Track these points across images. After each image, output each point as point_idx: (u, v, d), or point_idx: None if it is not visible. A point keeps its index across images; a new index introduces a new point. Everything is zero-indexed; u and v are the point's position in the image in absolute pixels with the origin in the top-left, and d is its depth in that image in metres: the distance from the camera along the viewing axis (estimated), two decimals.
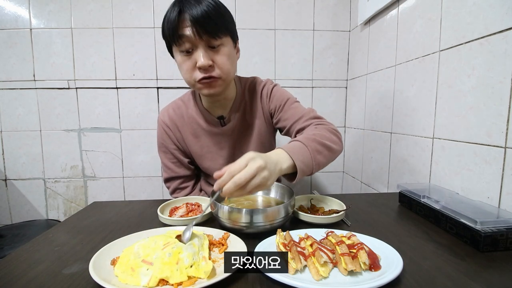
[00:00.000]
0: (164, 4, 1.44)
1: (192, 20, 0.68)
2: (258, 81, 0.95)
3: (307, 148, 0.66)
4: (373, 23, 1.26)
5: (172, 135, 0.93)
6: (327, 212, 0.68)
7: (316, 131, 0.74)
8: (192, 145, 0.93)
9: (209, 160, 0.94)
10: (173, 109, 0.94)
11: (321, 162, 0.67)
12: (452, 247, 0.54)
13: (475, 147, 0.71)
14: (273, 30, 1.49)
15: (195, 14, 0.68)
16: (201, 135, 0.92)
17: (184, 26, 0.70)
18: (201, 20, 0.68)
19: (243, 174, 0.51)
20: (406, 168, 1.02)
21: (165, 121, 0.93)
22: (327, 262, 0.44)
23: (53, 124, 1.48)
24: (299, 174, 0.62)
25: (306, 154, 0.65)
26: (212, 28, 0.70)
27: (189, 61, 0.74)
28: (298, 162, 0.62)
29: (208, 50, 0.73)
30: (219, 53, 0.74)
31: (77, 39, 1.44)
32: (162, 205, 0.72)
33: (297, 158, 0.62)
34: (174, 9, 0.70)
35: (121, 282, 0.42)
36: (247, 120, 0.93)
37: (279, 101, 0.90)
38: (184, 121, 0.93)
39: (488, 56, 0.67)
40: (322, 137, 0.71)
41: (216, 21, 0.70)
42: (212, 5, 0.70)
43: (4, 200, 1.52)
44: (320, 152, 0.68)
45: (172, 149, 0.94)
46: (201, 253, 0.47)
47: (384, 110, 1.16)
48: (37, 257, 0.52)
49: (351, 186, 1.53)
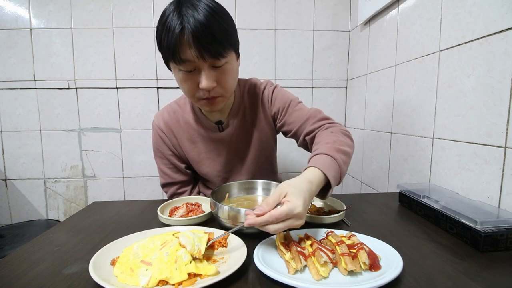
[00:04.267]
0: (164, 4, 1.43)
1: (195, 42, 0.61)
2: (257, 83, 0.90)
3: (336, 162, 0.62)
4: (373, 23, 1.26)
5: (168, 141, 0.89)
6: (327, 212, 0.68)
7: (334, 136, 0.70)
8: (188, 151, 0.89)
9: (207, 166, 0.90)
10: (168, 113, 0.89)
11: (344, 172, 0.65)
12: (452, 247, 0.54)
13: (475, 147, 0.71)
14: (273, 30, 1.49)
15: (198, 34, 0.61)
16: (198, 141, 0.88)
17: (186, 48, 0.63)
18: (204, 42, 0.62)
19: (280, 227, 0.48)
20: (406, 168, 1.02)
21: (160, 126, 0.88)
22: (327, 262, 0.44)
23: (53, 124, 1.49)
24: (330, 192, 0.60)
25: (336, 169, 0.61)
26: (217, 49, 0.64)
27: (191, 81, 0.69)
28: (332, 179, 0.58)
29: (211, 71, 0.68)
30: (223, 73, 0.69)
31: (77, 39, 1.44)
32: (162, 205, 0.72)
33: (331, 175, 0.58)
34: (173, 24, 0.61)
35: (121, 282, 0.42)
36: (247, 124, 0.89)
37: (281, 104, 0.86)
38: (180, 126, 0.88)
39: (488, 56, 0.67)
40: (343, 144, 0.67)
41: (221, 41, 0.64)
42: (213, 17, 0.62)
43: (4, 200, 1.52)
44: (345, 162, 0.65)
45: (168, 155, 0.90)
46: (198, 244, 0.47)
47: (384, 110, 1.16)
48: (37, 257, 0.52)
49: (351, 186, 1.53)
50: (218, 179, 0.92)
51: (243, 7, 1.46)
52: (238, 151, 0.90)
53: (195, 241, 0.48)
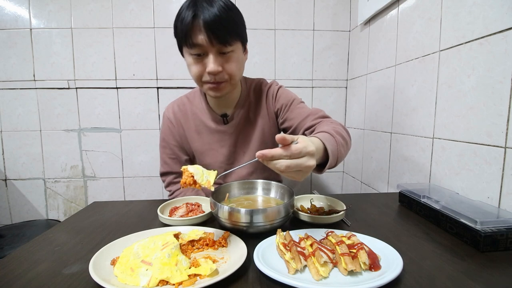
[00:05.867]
0: (164, 4, 1.44)
1: (205, 27, 0.69)
2: (264, 82, 0.97)
3: (334, 140, 0.64)
4: (373, 23, 1.26)
5: (175, 131, 0.95)
6: (327, 212, 0.68)
7: (333, 126, 0.73)
8: (194, 141, 0.95)
9: (209, 157, 0.95)
10: (178, 105, 0.97)
11: (342, 156, 0.67)
12: (452, 247, 0.54)
13: (475, 147, 0.71)
14: (273, 30, 1.49)
15: (209, 21, 0.68)
16: (203, 132, 0.94)
17: (197, 32, 0.71)
18: (214, 28, 0.69)
19: (293, 163, 0.48)
20: (406, 168, 1.02)
21: (170, 117, 0.96)
22: (327, 262, 0.44)
23: (53, 124, 1.49)
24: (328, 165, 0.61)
25: (334, 144, 0.63)
26: (224, 36, 0.71)
27: (199, 64, 0.75)
28: (330, 152, 0.60)
29: (218, 56, 0.74)
30: (229, 59, 0.76)
31: (77, 39, 1.44)
32: (162, 205, 0.72)
33: (329, 148, 0.60)
34: (188, 11, 0.70)
35: (121, 282, 0.42)
36: (251, 119, 0.94)
37: (285, 101, 0.91)
38: (187, 117, 0.95)
39: (488, 56, 0.67)
40: (341, 132, 0.71)
41: (228, 29, 0.72)
42: (225, 11, 0.70)
43: (4, 200, 1.52)
44: (343, 145, 0.67)
45: (172, 145, 0.96)
46: (206, 176, 0.48)
47: (384, 110, 1.16)
48: (37, 257, 0.52)
49: (351, 186, 1.53)
50: (220, 171, 0.93)
51: (243, 7, 1.46)
52: (241, 144, 0.95)
53: (204, 172, 0.49)
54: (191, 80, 0.81)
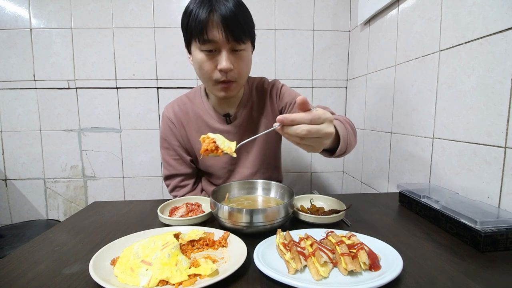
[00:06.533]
0: (164, 4, 1.44)
1: (222, 23, 0.68)
2: (265, 81, 0.96)
3: (344, 127, 0.66)
4: (373, 23, 1.26)
5: (177, 132, 0.93)
6: (327, 212, 0.68)
7: (342, 117, 0.74)
8: (196, 142, 0.92)
9: (212, 158, 0.93)
10: (178, 105, 0.94)
11: (351, 144, 0.68)
12: (452, 247, 0.54)
13: (475, 147, 0.71)
14: (273, 30, 1.49)
15: (227, 17, 0.68)
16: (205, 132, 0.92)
17: (213, 27, 0.69)
18: (231, 24, 0.68)
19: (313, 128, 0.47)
20: (406, 168, 1.02)
21: (170, 117, 0.93)
22: (327, 262, 0.44)
23: (53, 124, 1.49)
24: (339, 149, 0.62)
25: (343, 130, 0.65)
26: (239, 33, 0.71)
27: (211, 61, 0.74)
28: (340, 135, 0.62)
29: (230, 54, 0.73)
30: (240, 58, 0.75)
31: (77, 39, 1.44)
32: (162, 205, 0.72)
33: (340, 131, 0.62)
34: (203, 6, 0.68)
35: (121, 282, 0.42)
36: (254, 118, 0.93)
37: (290, 99, 0.91)
38: (189, 117, 0.92)
39: (488, 56, 0.67)
40: (351, 124, 0.73)
41: (243, 26, 0.71)
42: (240, 8, 0.70)
43: (4, 200, 1.52)
44: (352, 135, 0.69)
45: (175, 146, 0.93)
46: (227, 143, 0.54)
47: (384, 110, 1.16)
48: (37, 257, 0.52)
49: (351, 186, 1.53)
50: (223, 171, 0.93)
51: None
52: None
53: (225, 140, 0.54)
54: (191, 80, 0.81)
